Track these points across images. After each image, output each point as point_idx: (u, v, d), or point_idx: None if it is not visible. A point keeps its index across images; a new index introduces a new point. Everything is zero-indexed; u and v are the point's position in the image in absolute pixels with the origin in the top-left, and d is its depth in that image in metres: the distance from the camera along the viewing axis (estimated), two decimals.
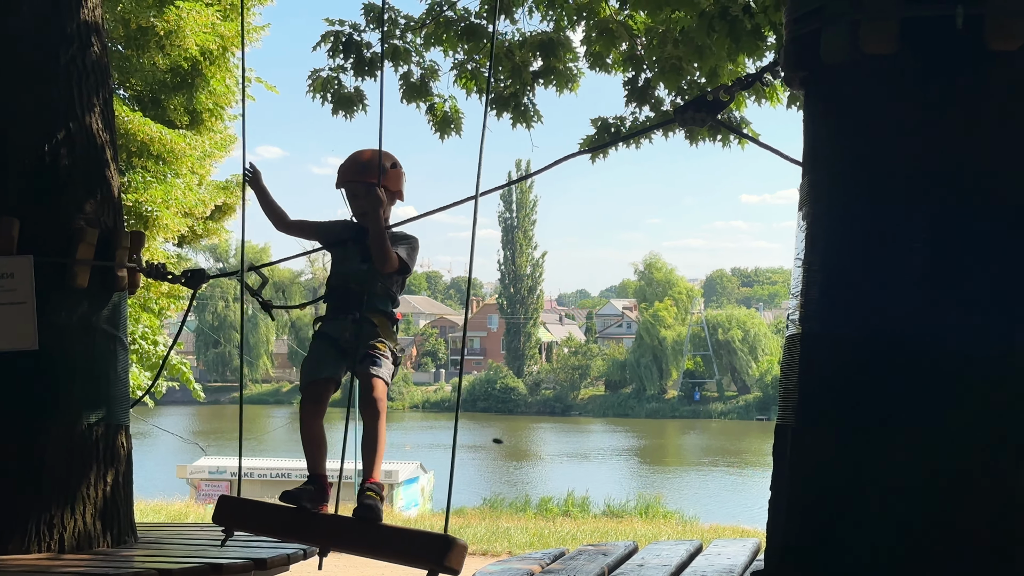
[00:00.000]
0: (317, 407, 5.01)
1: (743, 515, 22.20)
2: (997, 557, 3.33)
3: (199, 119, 14.96)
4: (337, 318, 5.07)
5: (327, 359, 5.02)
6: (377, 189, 4.97)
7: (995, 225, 3.41)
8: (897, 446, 3.41)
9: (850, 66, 3.59)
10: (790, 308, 3.88)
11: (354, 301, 5.02)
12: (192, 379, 18.11)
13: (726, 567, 4.04)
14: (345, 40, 9.11)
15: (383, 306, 5.09)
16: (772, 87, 8.37)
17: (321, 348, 5.06)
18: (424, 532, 4.36)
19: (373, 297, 5.03)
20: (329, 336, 5.06)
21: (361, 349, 4.96)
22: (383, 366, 4.97)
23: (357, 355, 4.96)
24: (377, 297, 5.05)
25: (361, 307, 5.00)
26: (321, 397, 5.00)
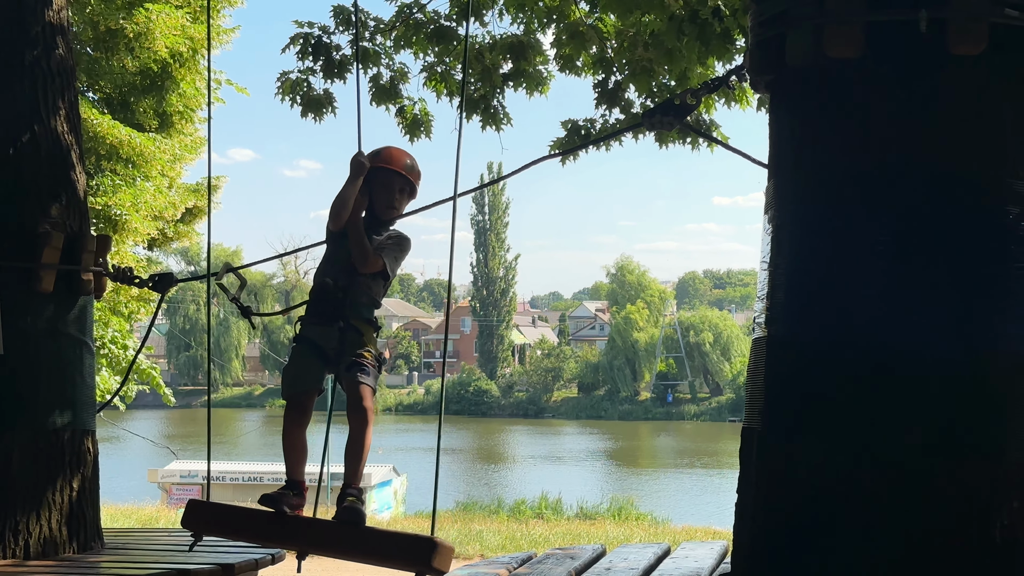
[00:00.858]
0: (302, 417, 4.97)
1: (715, 517, 22.25)
2: (961, 560, 3.34)
3: (169, 122, 14.89)
4: (322, 324, 5.01)
5: (311, 369, 4.98)
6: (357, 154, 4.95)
7: (959, 229, 3.43)
8: (862, 449, 3.42)
9: (814, 69, 3.60)
10: (757, 311, 3.89)
11: (340, 308, 4.98)
12: (162, 383, 18.02)
13: (693, 570, 4.04)
14: (314, 42, 9.08)
15: (368, 314, 5.07)
16: (742, 90, 8.40)
17: (304, 356, 5.01)
18: (409, 535, 4.35)
19: (359, 305, 5.01)
20: (312, 342, 5.01)
21: (347, 357, 4.93)
22: (370, 374, 4.95)
23: (342, 363, 4.93)
24: (363, 305, 5.03)
25: (346, 315, 4.97)
26: (305, 407, 4.97)
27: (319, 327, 5.01)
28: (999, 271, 3.42)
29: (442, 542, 3.89)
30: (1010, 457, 3.40)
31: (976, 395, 3.38)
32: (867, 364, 3.43)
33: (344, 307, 4.98)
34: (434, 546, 3.84)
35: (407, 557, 4.00)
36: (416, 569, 3.98)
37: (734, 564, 3.86)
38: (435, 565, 3.92)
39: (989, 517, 3.36)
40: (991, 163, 3.45)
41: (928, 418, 3.38)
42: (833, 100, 3.61)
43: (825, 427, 3.49)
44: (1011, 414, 3.41)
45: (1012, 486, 3.40)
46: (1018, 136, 3.48)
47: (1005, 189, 3.44)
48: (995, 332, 3.41)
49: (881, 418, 3.40)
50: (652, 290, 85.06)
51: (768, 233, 3.81)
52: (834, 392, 3.48)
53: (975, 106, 3.45)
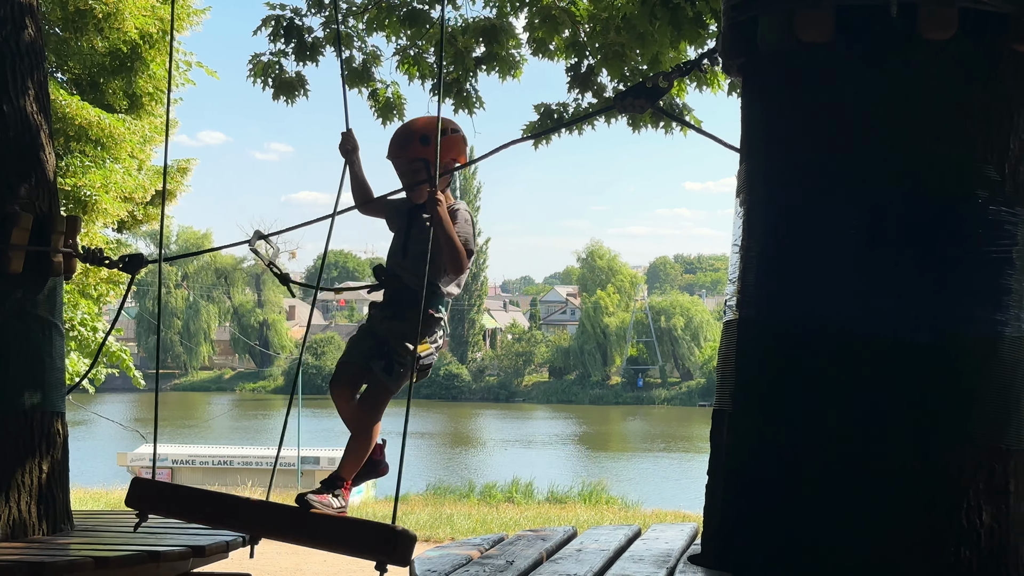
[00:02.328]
0: (343, 390, 4.80)
1: (684, 500, 22.35)
2: (929, 539, 3.38)
3: (138, 103, 14.78)
4: (379, 310, 4.90)
5: (363, 346, 4.84)
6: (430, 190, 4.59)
7: (928, 212, 3.45)
8: (832, 431, 3.45)
9: (786, 53, 3.62)
10: (728, 294, 3.91)
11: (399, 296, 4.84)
12: (132, 366, 17.93)
13: (663, 551, 4.07)
14: (286, 24, 9.04)
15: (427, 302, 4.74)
16: (713, 74, 8.42)
17: (362, 334, 4.93)
18: (371, 523, 4.23)
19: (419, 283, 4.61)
20: (371, 320, 4.91)
21: (384, 346, 4.78)
22: (394, 375, 4.77)
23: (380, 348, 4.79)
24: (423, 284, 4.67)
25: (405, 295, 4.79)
26: (348, 381, 4.80)
27: (377, 310, 4.91)
28: (968, 254, 3.45)
29: (404, 531, 3.77)
30: (977, 439, 3.44)
31: (945, 377, 3.42)
32: (837, 346, 3.46)
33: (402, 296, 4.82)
34: (396, 536, 3.73)
35: (366, 545, 3.88)
36: (375, 558, 3.86)
37: (704, 545, 3.89)
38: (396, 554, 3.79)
39: (957, 499, 3.40)
40: (961, 147, 3.48)
41: (897, 400, 3.41)
42: (804, 84, 3.63)
43: (795, 409, 3.52)
44: (979, 396, 3.45)
45: (979, 468, 3.44)
46: (987, 120, 3.51)
47: (974, 173, 3.47)
48: (964, 315, 3.44)
49: (851, 400, 3.43)
50: (623, 275, 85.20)
51: (740, 216, 3.83)
52: (804, 374, 3.51)
53: (945, 90, 3.48)
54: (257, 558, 8.76)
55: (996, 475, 3.47)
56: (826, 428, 3.46)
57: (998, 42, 3.49)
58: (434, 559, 3.83)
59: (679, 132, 9.16)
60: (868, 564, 3.36)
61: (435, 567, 3.68)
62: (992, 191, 3.48)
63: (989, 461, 3.45)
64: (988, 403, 3.47)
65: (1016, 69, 3.55)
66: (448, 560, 3.81)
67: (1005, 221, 3.49)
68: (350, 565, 10.67)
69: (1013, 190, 3.53)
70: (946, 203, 3.47)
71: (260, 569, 9.44)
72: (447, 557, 3.87)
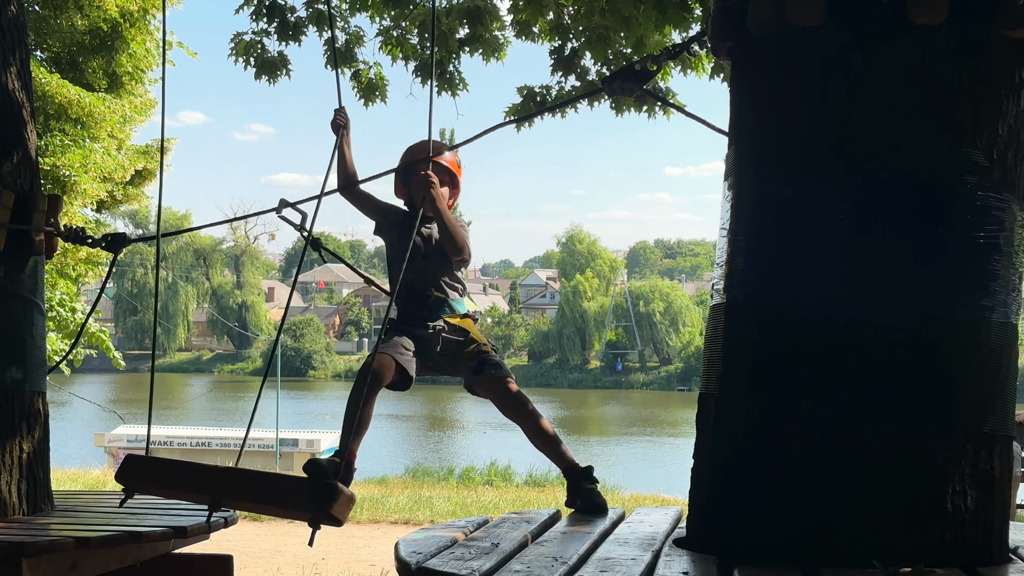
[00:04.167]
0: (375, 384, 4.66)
1: (664, 484, 22.41)
2: (915, 523, 3.39)
3: (119, 82, 14.69)
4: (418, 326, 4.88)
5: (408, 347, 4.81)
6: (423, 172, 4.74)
7: (916, 197, 3.46)
8: (818, 415, 3.45)
9: (776, 37, 3.61)
10: (715, 278, 3.90)
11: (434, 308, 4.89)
12: (111, 347, 17.87)
13: (648, 534, 4.07)
14: (269, 4, 8.99)
15: (461, 307, 4.96)
16: (698, 57, 8.42)
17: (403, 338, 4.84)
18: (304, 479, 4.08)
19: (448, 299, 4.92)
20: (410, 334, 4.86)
21: (471, 360, 4.85)
22: (502, 367, 4.88)
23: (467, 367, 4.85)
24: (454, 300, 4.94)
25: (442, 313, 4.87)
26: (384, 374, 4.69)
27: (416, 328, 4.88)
28: (956, 240, 3.46)
29: (342, 488, 3.59)
30: (963, 425, 3.45)
31: (932, 362, 3.42)
32: (824, 331, 3.46)
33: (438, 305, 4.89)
34: (332, 490, 3.54)
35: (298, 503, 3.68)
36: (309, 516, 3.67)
37: (689, 528, 3.90)
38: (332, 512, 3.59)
39: (942, 483, 3.41)
40: (950, 132, 3.48)
41: (885, 385, 3.41)
42: (794, 68, 3.62)
43: (781, 393, 3.52)
44: (965, 382, 3.46)
45: (964, 453, 3.45)
46: (976, 106, 3.51)
47: (963, 158, 3.47)
48: (951, 300, 3.44)
49: (838, 385, 3.44)
50: (603, 259, 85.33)
51: (728, 200, 3.82)
52: (791, 359, 3.51)
53: (934, 75, 3.48)
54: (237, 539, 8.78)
55: (981, 460, 3.48)
56: (812, 412, 3.46)
57: (988, 27, 3.49)
58: (419, 541, 3.82)
59: (661, 117, 9.15)
60: (853, 548, 3.37)
61: (420, 548, 3.67)
62: (980, 176, 3.48)
63: (974, 446, 3.47)
64: (973, 388, 3.48)
65: (1005, 54, 3.55)
66: (433, 542, 3.80)
67: (993, 207, 3.50)
68: (329, 547, 10.67)
69: (1001, 176, 3.53)
70: (934, 188, 3.47)
71: (240, 550, 9.44)
72: (432, 539, 3.87)
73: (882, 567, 3.19)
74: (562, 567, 3.43)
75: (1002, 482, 3.57)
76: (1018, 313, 3.64)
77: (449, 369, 4.99)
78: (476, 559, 3.51)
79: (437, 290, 4.90)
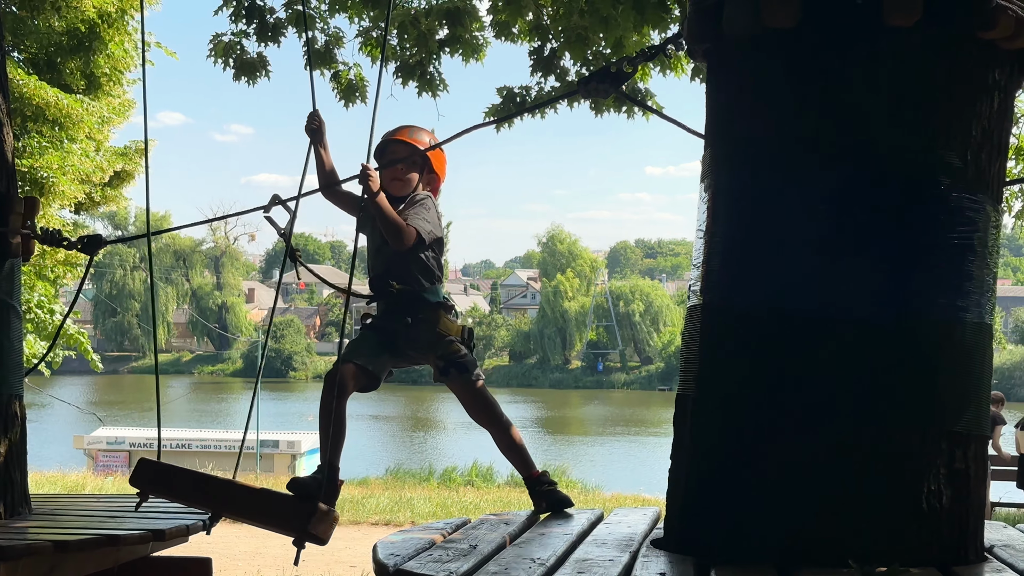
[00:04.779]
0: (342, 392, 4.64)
1: (645, 484, 22.46)
2: (891, 523, 3.41)
3: (96, 83, 14.65)
4: (390, 321, 4.83)
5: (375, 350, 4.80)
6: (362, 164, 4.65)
7: (891, 198, 3.47)
8: (794, 415, 3.46)
9: (752, 39, 3.61)
10: (692, 279, 3.91)
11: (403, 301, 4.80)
12: (90, 349, 17.80)
13: (626, 535, 4.08)
14: (248, 4, 8.97)
15: (433, 297, 4.84)
16: (677, 58, 8.44)
17: (372, 339, 4.83)
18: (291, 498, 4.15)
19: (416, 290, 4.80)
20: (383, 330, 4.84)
21: (438, 359, 4.78)
22: (468, 368, 4.80)
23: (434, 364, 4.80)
24: (423, 289, 4.82)
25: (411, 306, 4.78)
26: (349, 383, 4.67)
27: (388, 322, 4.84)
28: (931, 241, 3.47)
29: (324, 507, 3.70)
30: (939, 424, 3.46)
31: (907, 362, 3.44)
32: (800, 331, 3.47)
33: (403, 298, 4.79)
34: (313, 511, 3.66)
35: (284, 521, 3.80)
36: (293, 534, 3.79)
37: (667, 529, 3.90)
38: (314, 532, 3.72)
39: (918, 483, 3.43)
40: (924, 133, 3.49)
41: (861, 386, 3.43)
42: (770, 69, 3.63)
43: (758, 394, 3.53)
44: (940, 381, 3.47)
45: (940, 452, 3.46)
46: (950, 107, 3.53)
47: (938, 160, 3.48)
48: (926, 300, 3.46)
49: (813, 385, 3.45)
50: (583, 259, 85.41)
51: (704, 201, 3.83)
52: (768, 359, 3.52)
53: (909, 77, 3.49)
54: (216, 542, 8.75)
55: (956, 459, 3.50)
56: (789, 412, 3.47)
57: (961, 29, 3.50)
58: (397, 543, 3.82)
59: (641, 117, 9.20)
60: (830, 547, 3.38)
61: (398, 551, 3.67)
62: (954, 177, 3.50)
63: (950, 445, 3.48)
64: (949, 388, 3.50)
65: (979, 56, 3.57)
66: (411, 544, 3.80)
67: (967, 207, 3.52)
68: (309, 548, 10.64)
69: (975, 176, 3.55)
70: (909, 189, 3.49)
71: (220, 552, 9.41)
72: (410, 541, 3.87)
73: (858, 567, 3.20)
74: (540, 568, 3.44)
75: (977, 481, 3.59)
76: (992, 313, 3.66)
77: (420, 361, 4.96)
78: (454, 561, 3.51)
79: (400, 281, 4.81)
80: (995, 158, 3.65)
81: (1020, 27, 3.52)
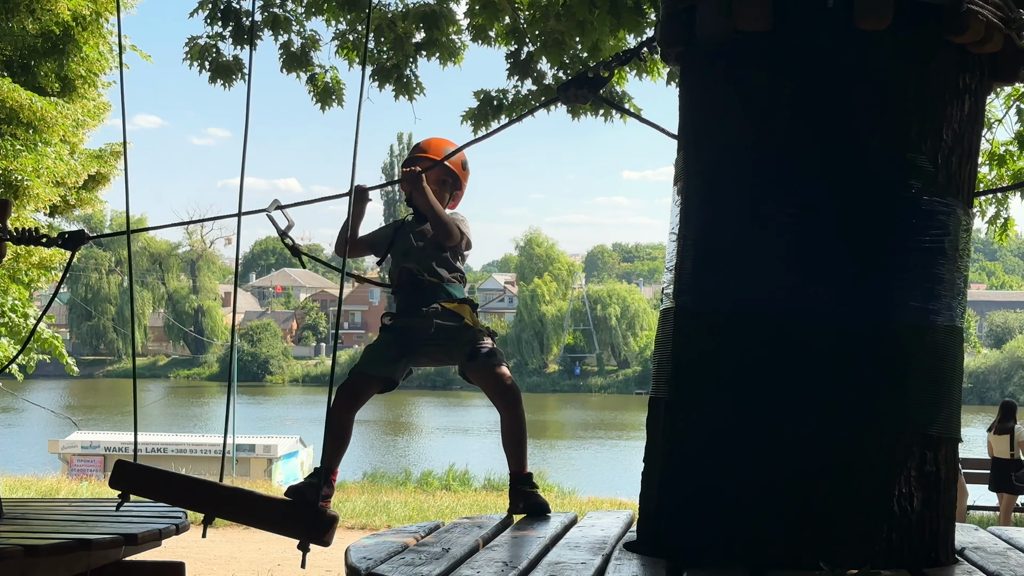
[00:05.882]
0: (355, 401, 4.92)
1: (621, 487, 22.46)
2: (862, 526, 3.42)
3: (71, 86, 14.58)
4: (413, 314, 4.94)
5: (391, 358, 4.92)
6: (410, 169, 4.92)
7: (862, 201, 3.48)
8: (769, 418, 3.47)
9: (724, 43, 3.62)
10: (665, 282, 3.92)
11: (429, 293, 4.93)
12: (64, 352, 17.70)
13: (599, 538, 4.08)
14: (223, 7, 8.94)
15: (459, 293, 5.01)
16: (653, 61, 8.45)
17: (389, 344, 4.95)
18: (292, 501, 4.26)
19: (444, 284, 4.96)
20: (400, 332, 4.95)
21: (464, 348, 4.87)
22: (496, 355, 4.90)
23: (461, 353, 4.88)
24: (450, 284, 4.98)
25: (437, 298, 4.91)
26: (363, 392, 4.92)
27: (410, 318, 4.95)
28: (901, 244, 3.49)
29: (326, 511, 3.78)
30: (910, 427, 3.48)
31: (879, 365, 3.45)
32: (772, 335, 3.48)
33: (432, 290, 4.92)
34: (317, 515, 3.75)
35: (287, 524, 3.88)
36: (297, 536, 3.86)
37: (640, 532, 3.91)
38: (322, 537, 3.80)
39: (889, 486, 3.44)
40: (896, 137, 3.51)
41: (832, 389, 3.44)
42: (742, 73, 3.64)
43: (731, 397, 3.54)
44: (911, 384, 3.49)
45: (911, 456, 3.48)
46: (921, 111, 3.54)
47: (908, 163, 3.50)
48: (897, 303, 3.47)
49: (785, 387, 3.46)
50: (561, 263, 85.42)
51: (677, 205, 3.84)
52: (740, 362, 3.53)
53: (881, 81, 3.51)
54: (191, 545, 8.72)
55: (927, 462, 3.51)
56: (761, 416, 3.48)
57: (933, 33, 3.53)
58: (369, 547, 3.81)
59: (619, 120, 9.19)
60: (801, 550, 3.39)
61: (370, 554, 3.66)
62: (925, 181, 3.51)
63: (920, 448, 3.50)
64: (920, 391, 3.51)
65: (950, 60, 3.59)
66: (383, 547, 3.80)
67: (938, 211, 3.54)
68: (285, 553, 10.61)
69: (946, 180, 3.57)
70: (880, 193, 3.50)
71: (195, 557, 9.38)
72: (382, 544, 3.86)
73: (829, 570, 3.21)
74: (512, 572, 3.43)
75: (948, 484, 3.61)
76: (963, 316, 3.68)
77: (443, 357, 5.07)
78: (426, 564, 3.50)
79: (431, 275, 4.95)
80: (966, 162, 3.68)
81: (990, 32, 3.55)
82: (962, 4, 3.46)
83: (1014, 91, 12.53)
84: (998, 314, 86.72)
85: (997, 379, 68.95)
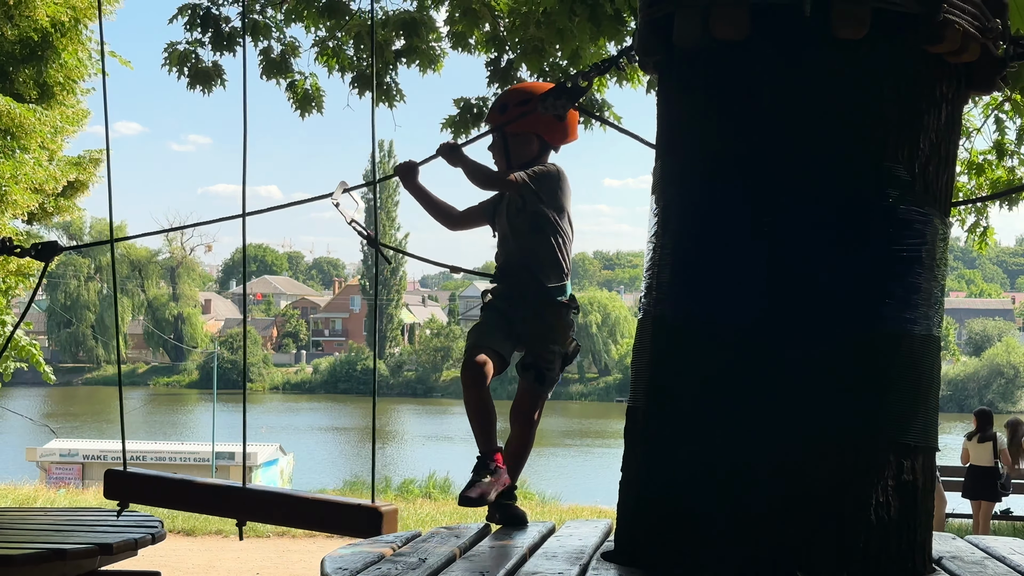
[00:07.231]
0: (480, 376, 4.50)
1: (601, 495, 22.46)
2: (839, 535, 3.41)
3: (50, 93, 14.50)
4: (509, 304, 4.68)
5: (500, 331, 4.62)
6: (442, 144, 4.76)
7: (838, 211, 3.48)
8: (744, 428, 3.46)
9: (701, 51, 3.62)
10: (642, 291, 3.91)
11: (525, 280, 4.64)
12: (42, 360, 17.59)
13: (577, 548, 4.06)
14: (203, 14, 8.93)
15: (559, 294, 4.67)
16: (633, 69, 8.47)
17: (494, 321, 4.66)
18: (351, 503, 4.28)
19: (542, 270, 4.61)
20: (503, 313, 4.68)
21: (529, 355, 4.66)
22: (546, 382, 4.66)
23: (526, 355, 4.66)
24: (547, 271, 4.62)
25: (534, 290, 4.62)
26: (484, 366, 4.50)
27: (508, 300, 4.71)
28: (879, 253, 3.49)
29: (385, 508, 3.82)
30: (886, 436, 3.47)
31: (855, 374, 3.45)
32: (748, 343, 3.48)
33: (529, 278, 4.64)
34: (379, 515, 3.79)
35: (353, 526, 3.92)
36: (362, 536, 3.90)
37: (617, 541, 3.89)
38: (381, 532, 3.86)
39: (866, 495, 3.43)
40: (873, 147, 3.51)
41: (810, 397, 3.43)
42: (719, 81, 3.64)
43: (707, 407, 3.53)
44: (889, 394, 3.48)
45: (887, 464, 3.48)
46: (898, 120, 3.54)
47: (885, 172, 3.50)
48: (874, 313, 3.47)
49: (761, 396, 3.45)
50: None
51: (655, 213, 3.84)
52: (717, 372, 3.52)
53: (857, 90, 3.51)
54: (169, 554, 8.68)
55: (904, 471, 3.51)
56: (737, 424, 3.47)
57: (910, 43, 3.53)
58: (345, 557, 3.79)
59: (599, 128, 9.20)
60: (778, 559, 3.38)
61: (346, 565, 3.64)
62: (903, 190, 3.52)
63: (897, 457, 3.50)
64: (896, 400, 3.51)
65: (927, 69, 3.59)
66: (359, 558, 3.77)
67: (915, 220, 3.54)
68: (263, 562, 10.57)
69: (923, 189, 3.57)
70: (857, 202, 3.50)
71: (172, 566, 9.33)
72: (358, 555, 3.84)
73: None
74: None
75: (925, 493, 3.61)
76: (940, 325, 3.69)
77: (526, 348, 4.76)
78: (402, 574, 3.48)
79: (525, 270, 4.68)
80: (943, 171, 3.68)
81: (967, 41, 3.56)
82: (939, 14, 3.46)
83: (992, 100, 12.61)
84: (977, 322, 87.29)
85: (976, 387, 69.32)
